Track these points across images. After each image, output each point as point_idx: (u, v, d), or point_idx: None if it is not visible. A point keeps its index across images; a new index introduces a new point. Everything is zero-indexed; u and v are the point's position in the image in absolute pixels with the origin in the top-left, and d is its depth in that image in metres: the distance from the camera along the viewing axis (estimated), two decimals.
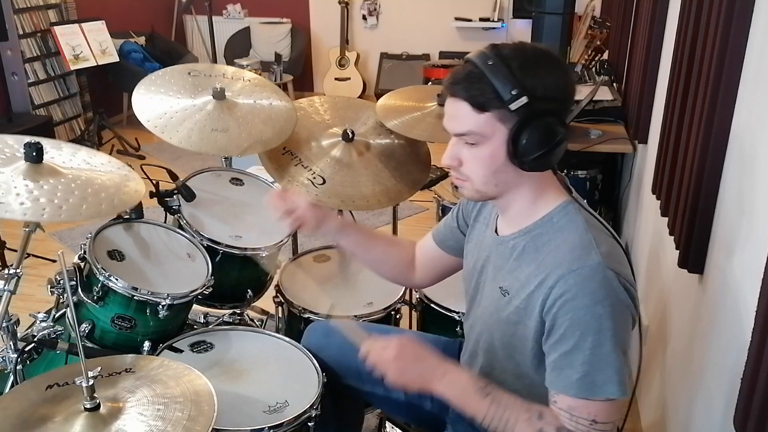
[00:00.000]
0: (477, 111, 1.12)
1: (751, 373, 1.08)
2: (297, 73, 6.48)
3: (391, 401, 1.58)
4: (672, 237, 1.74)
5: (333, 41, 6.57)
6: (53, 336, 1.59)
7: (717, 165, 1.48)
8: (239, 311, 2.10)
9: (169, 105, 2.00)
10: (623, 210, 3.16)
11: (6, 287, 1.44)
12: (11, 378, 1.57)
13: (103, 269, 1.59)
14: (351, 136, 2.15)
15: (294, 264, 2.16)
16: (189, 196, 1.92)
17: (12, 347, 1.54)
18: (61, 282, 1.60)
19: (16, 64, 4.85)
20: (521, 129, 1.11)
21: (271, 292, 2.06)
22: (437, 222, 2.98)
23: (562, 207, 1.20)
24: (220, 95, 2.05)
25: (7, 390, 1.58)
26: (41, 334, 1.57)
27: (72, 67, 5.03)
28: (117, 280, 1.59)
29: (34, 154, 1.48)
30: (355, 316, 1.87)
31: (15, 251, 1.57)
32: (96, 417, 1.17)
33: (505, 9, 6.20)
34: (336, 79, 6.58)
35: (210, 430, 1.17)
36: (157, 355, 1.61)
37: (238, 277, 2.00)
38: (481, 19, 6.24)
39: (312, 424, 1.48)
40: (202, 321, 2.02)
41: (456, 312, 1.89)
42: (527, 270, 1.19)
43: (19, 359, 1.55)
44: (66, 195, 1.45)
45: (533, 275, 1.17)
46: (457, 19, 6.29)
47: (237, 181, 2.15)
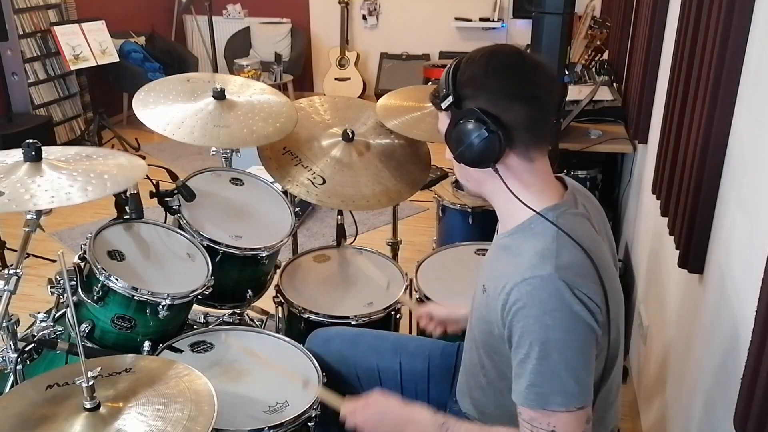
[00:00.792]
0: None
1: (751, 373, 1.08)
2: (297, 73, 6.48)
3: None
4: (672, 237, 1.74)
5: (333, 41, 6.57)
6: (53, 336, 1.59)
7: (717, 165, 1.48)
8: (239, 311, 2.10)
9: (170, 106, 2.03)
10: (623, 210, 3.16)
11: (6, 287, 1.44)
12: (11, 378, 1.57)
13: (103, 269, 1.59)
14: (351, 136, 2.15)
15: (294, 264, 2.16)
16: (189, 196, 1.92)
17: (12, 347, 1.54)
18: (61, 282, 1.59)
19: (16, 64, 4.85)
20: (449, 126, 1.18)
21: (271, 292, 2.06)
22: (437, 222, 3.00)
23: (543, 212, 1.18)
24: (220, 95, 2.08)
25: (7, 390, 1.58)
26: (41, 334, 1.58)
27: (72, 67, 5.03)
28: (117, 280, 1.59)
29: (33, 153, 1.50)
30: (355, 316, 1.87)
31: (15, 251, 1.57)
32: (96, 417, 1.17)
33: (505, 9, 6.20)
34: (336, 79, 6.58)
35: (210, 430, 1.17)
36: (157, 355, 1.61)
37: (238, 277, 2.00)
38: (481, 19, 6.24)
39: (312, 424, 1.48)
40: (202, 321, 2.03)
41: None
42: (500, 271, 1.19)
43: (19, 359, 1.55)
44: (69, 181, 1.46)
45: (502, 276, 1.16)
46: (457, 19, 6.29)
47: (237, 181, 2.15)
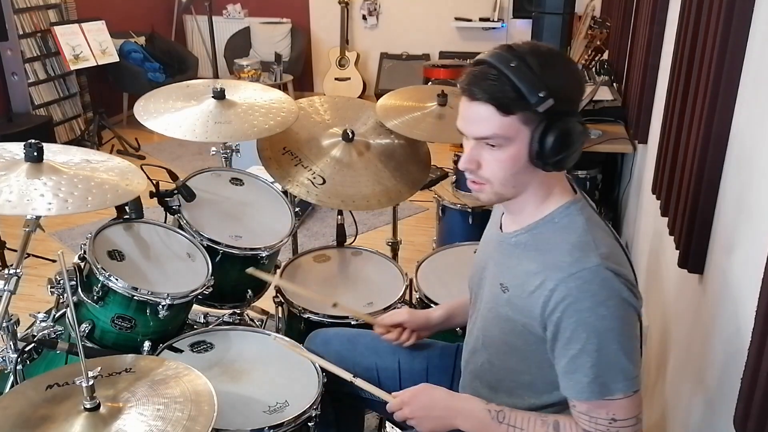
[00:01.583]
0: (502, 113, 1.10)
1: (751, 373, 1.08)
2: (297, 73, 6.48)
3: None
4: (672, 237, 1.74)
5: (333, 41, 6.57)
6: (53, 336, 1.59)
7: (717, 165, 1.48)
8: (239, 311, 2.10)
9: (171, 108, 2.04)
10: (623, 210, 3.16)
11: (6, 287, 1.44)
12: (11, 378, 1.57)
13: (103, 269, 1.59)
14: (351, 136, 2.15)
15: (294, 264, 2.16)
16: (189, 196, 1.92)
17: (12, 347, 1.54)
18: (61, 282, 1.59)
19: (16, 64, 4.85)
20: (547, 130, 1.10)
21: (271, 292, 2.06)
22: (437, 222, 3.00)
23: (564, 207, 1.20)
24: (220, 95, 2.09)
25: (7, 390, 1.58)
26: (41, 334, 1.58)
27: (72, 67, 5.03)
28: (117, 280, 1.59)
29: (35, 153, 1.49)
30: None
31: (15, 251, 1.57)
32: (96, 417, 1.17)
33: (505, 9, 6.20)
34: (336, 79, 6.58)
35: (210, 430, 1.17)
36: (157, 355, 1.61)
37: (238, 277, 2.00)
38: (481, 19, 6.24)
39: (312, 424, 1.48)
40: (202, 321, 2.02)
41: None
42: (527, 268, 1.19)
43: (19, 359, 1.55)
44: (70, 189, 1.45)
45: (533, 274, 1.17)
46: (457, 19, 6.29)
47: (237, 181, 2.15)
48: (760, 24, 1.32)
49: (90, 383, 1.17)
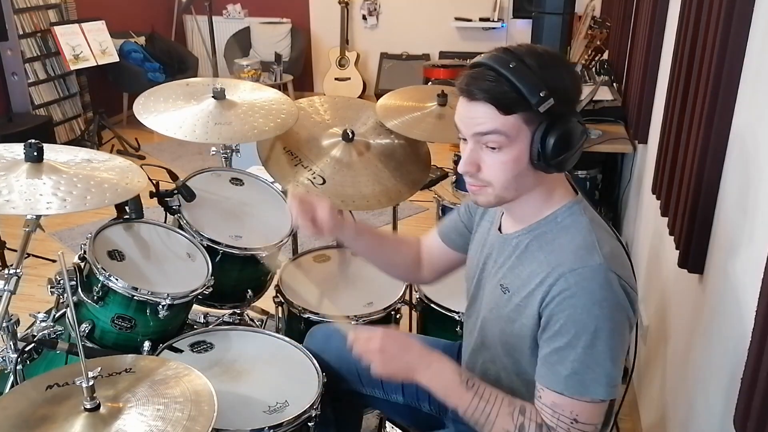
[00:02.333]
0: (502, 113, 1.10)
1: (751, 373, 1.08)
2: (297, 73, 6.48)
3: (390, 403, 1.59)
4: (672, 237, 1.74)
5: (333, 41, 6.57)
6: (53, 336, 1.59)
7: (717, 165, 1.48)
8: (239, 311, 2.10)
9: (171, 107, 2.04)
10: (623, 210, 3.16)
11: (6, 287, 1.44)
12: (11, 378, 1.57)
13: (103, 269, 1.59)
14: (351, 136, 2.15)
15: (294, 264, 2.16)
16: (189, 196, 1.92)
17: (12, 347, 1.54)
18: (61, 282, 1.59)
19: (16, 64, 4.84)
20: (549, 130, 1.10)
21: (271, 292, 2.06)
22: (437, 222, 3.00)
23: (567, 207, 1.20)
24: (220, 95, 2.09)
25: (7, 390, 1.58)
26: (41, 334, 1.57)
27: (72, 67, 5.03)
28: (117, 280, 1.59)
29: (35, 153, 1.49)
30: (356, 316, 1.87)
31: (15, 251, 1.57)
32: (96, 417, 1.17)
33: (505, 9, 6.20)
34: (336, 79, 6.58)
35: (210, 430, 1.17)
36: (157, 355, 1.61)
37: (238, 277, 2.00)
38: (481, 19, 6.24)
39: (312, 424, 1.48)
40: (202, 321, 2.02)
41: (456, 312, 1.89)
42: (529, 268, 1.19)
43: (19, 359, 1.55)
44: (69, 188, 1.46)
45: (534, 273, 1.17)
46: (457, 19, 6.29)
47: (237, 181, 2.15)
48: (760, 24, 1.33)
49: (90, 383, 1.17)
